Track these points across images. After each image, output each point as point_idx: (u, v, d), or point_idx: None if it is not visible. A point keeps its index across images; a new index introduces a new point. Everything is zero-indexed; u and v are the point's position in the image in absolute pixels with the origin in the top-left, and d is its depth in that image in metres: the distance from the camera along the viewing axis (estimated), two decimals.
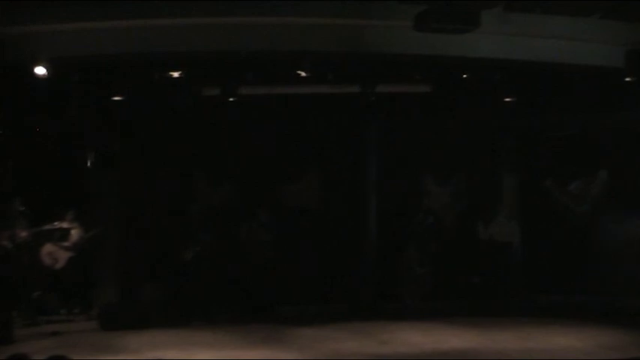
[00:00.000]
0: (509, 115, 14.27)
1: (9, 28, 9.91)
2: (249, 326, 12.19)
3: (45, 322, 12.20)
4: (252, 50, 10.50)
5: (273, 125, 13.92)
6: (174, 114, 13.34)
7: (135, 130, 13.28)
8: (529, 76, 12.26)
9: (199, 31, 10.29)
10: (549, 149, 14.65)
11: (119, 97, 12.39)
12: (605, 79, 11.89)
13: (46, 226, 12.49)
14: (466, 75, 12.17)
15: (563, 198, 14.59)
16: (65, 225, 12.76)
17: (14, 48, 10.01)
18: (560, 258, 14.22)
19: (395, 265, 14.17)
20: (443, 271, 14.15)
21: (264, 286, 13.30)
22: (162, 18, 10.09)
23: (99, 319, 12.13)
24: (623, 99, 12.74)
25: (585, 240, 14.36)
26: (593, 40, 11.31)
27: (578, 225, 14.50)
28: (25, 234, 12.04)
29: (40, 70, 10.44)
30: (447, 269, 14.19)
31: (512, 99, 13.37)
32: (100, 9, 9.92)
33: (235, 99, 12.51)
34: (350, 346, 10.93)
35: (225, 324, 12.30)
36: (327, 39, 10.51)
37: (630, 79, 11.31)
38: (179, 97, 12.68)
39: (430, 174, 14.95)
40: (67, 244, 12.76)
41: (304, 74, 11.53)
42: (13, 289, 11.49)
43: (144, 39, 10.22)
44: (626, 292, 13.44)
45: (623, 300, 13.30)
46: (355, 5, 10.32)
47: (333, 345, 11.01)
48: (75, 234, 12.83)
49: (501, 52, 11.08)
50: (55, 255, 12.66)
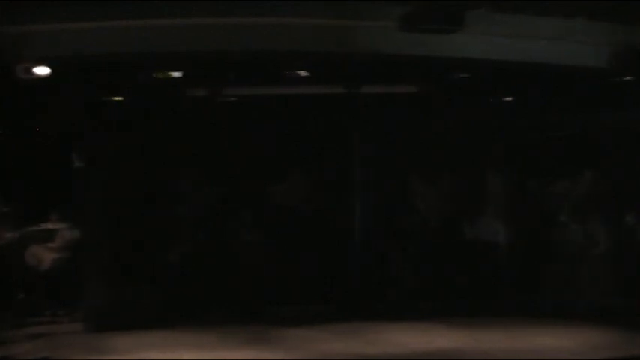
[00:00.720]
0: (496, 116, 14.30)
1: (6, 27, 9.87)
2: (236, 327, 12.15)
3: (31, 324, 12.16)
4: (241, 50, 10.50)
5: (263, 125, 13.89)
6: (164, 114, 13.30)
7: (125, 130, 13.24)
8: (516, 77, 12.30)
9: (191, 31, 10.28)
10: (537, 150, 14.65)
11: (112, 97, 12.39)
12: (592, 79, 11.95)
13: (32, 227, 12.46)
14: (454, 76, 12.22)
15: (546, 199, 14.60)
16: (51, 226, 12.73)
17: (12, 48, 9.96)
18: (545, 258, 14.25)
19: (382, 265, 14.16)
20: (431, 271, 14.15)
21: (251, 287, 13.28)
22: (160, 18, 10.09)
23: (86, 320, 12.09)
24: (612, 99, 12.80)
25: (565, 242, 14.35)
26: (579, 41, 11.36)
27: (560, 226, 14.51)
28: (11, 235, 12.02)
29: (28, 70, 10.40)
30: (435, 269, 14.19)
31: (499, 99, 13.45)
32: (99, 9, 9.89)
33: (226, 99, 12.52)
34: (337, 347, 10.92)
35: (213, 325, 12.24)
36: (314, 39, 10.51)
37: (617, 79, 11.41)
38: (171, 97, 12.68)
39: (420, 174, 14.91)
40: (53, 244, 12.73)
41: (293, 74, 11.58)
42: None
43: (140, 39, 10.21)
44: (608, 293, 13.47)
45: (608, 300, 13.34)
46: (342, 5, 10.33)
47: (320, 345, 10.99)
48: (61, 235, 12.80)
49: (488, 52, 11.13)
50: (41, 256, 12.63)
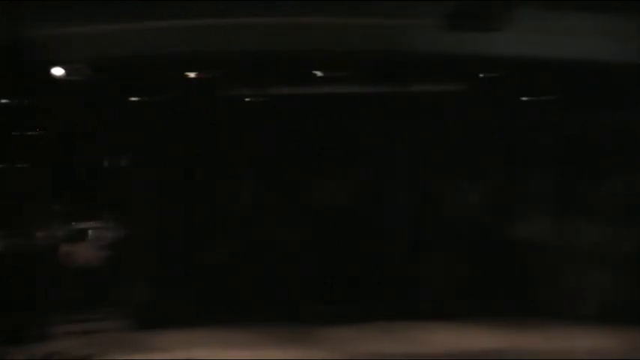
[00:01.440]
0: (531, 115, 14.06)
1: (34, 29, 10.04)
2: (275, 326, 12.15)
3: (75, 321, 12.30)
4: (251, 50, 10.52)
5: (298, 125, 13.88)
6: (200, 114, 13.40)
7: (165, 132, 13.38)
8: (554, 75, 12.12)
9: (199, 32, 10.34)
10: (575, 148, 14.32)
11: (147, 99, 12.54)
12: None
13: (78, 225, 12.66)
14: (484, 74, 12.10)
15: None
16: (97, 224, 12.92)
17: (42, 49, 10.13)
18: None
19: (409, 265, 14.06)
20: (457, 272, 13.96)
21: (289, 286, 13.29)
22: (171, 19, 10.17)
23: (129, 318, 12.25)
24: None
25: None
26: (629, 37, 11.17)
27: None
28: (58, 233, 12.22)
29: (62, 71, 10.60)
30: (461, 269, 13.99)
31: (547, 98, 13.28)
32: (112, 10, 10.01)
33: (257, 99, 12.59)
34: (377, 347, 10.95)
35: (251, 324, 12.26)
36: (337, 38, 10.48)
37: None
38: (203, 98, 12.78)
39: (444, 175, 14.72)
40: (98, 243, 12.92)
41: (335, 74, 11.61)
42: (33, 288, 11.67)
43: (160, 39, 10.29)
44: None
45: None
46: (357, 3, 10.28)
47: (358, 345, 11.04)
48: (106, 233, 12.98)
49: (531, 49, 10.97)
50: (87, 254, 12.83)
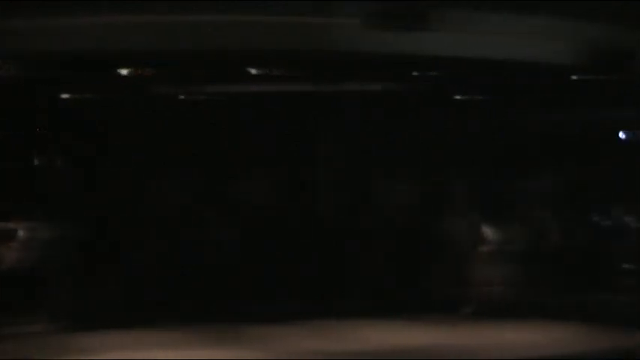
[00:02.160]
0: (460, 114, 14.39)
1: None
2: (208, 326, 12.05)
3: (5, 325, 11.98)
4: (203, 49, 10.50)
5: (229, 124, 13.92)
6: (130, 113, 13.29)
7: (90, 129, 13.23)
8: (479, 75, 12.40)
9: (154, 30, 10.27)
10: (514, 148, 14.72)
11: (76, 95, 12.37)
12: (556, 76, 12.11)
13: (8, 225, 12.39)
14: (417, 73, 12.31)
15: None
16: (28, 224, 12.65)
17: None
18: None
19: (344, 264, 14.20)
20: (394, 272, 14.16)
21: (223, 286, 13.30)
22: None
23: (51, 320, 12.01)
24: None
25: None
26: (544, 38, 11.49)
27: None
28: None
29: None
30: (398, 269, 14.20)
31: (463, 97, 13.58)
32: (74, 5, 9.83)
33: (199, 97, 12.57)
34: (311, 345, 10.96)
35: (186, 324, 12.14)
36: (280, 37, 10.54)
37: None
38: (136, 96, 12.67)
39: (380, 174, 14.96)
40: (17, 243, 12.63)
41: (257, 72, 11.63)
42: None
43: (107, 36, 10.16)
44: None
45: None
46: (308, 3, 10.37)
47: (293, 344, 11.04)
48: (26, 233, 12.70)
49: (452, 49, 11.20)
50: (5, 255, 12.53)
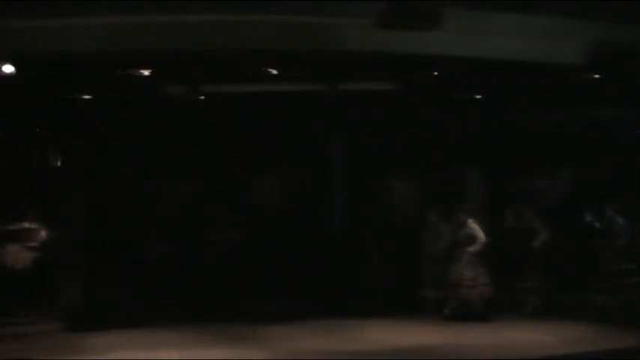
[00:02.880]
0: (473, 113, 14.35)
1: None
2: (214, 325, 12.10)
3: (7, 324, 12.06)
4: (216, 48, 10.50)
5: (238, 124, 13.92)
6: (138, 113, 13.31)
7: (100, 130, 13.24)
8: (491, 74, 12.36)
9: (162, 30, 10.27)
10: (513, 148, 14.66)
11: (85, 96, 12.38)
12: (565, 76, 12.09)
13: (10, 226, 12.41)
14: (429, 73, 12.27)
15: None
16: (29, 225, 12.67)
17: None
18: None
19: (357, 263, 14.18)
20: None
21: (228, 285, 13.30)
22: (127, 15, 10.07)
23: (62, 320, 12.04)
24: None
25: None
26: (554, 38, 11.46)
27: None
28: None
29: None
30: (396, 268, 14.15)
31: (475, 97, 13.53)
32: (75, 6, 9.84)
33: (200, 97, 12.56)
34: (307, 344, 10.98)
35: (190, 323, 12.21)
36: (292, 37, 10.53)
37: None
38: (144, 96, 12.67)
39: (392, 173, 14.95)
40: (31, 244, 12.67)
41: (269, 72, 11.63)
42: None
43: (112, 37, 10.16)
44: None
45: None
46: (308, 3, 10.34)
47: (299, 343, 11.05)
48: (39, 234, 12.74)
49: (464, 49, 11.17)
50: (19, 255, 12.57)
